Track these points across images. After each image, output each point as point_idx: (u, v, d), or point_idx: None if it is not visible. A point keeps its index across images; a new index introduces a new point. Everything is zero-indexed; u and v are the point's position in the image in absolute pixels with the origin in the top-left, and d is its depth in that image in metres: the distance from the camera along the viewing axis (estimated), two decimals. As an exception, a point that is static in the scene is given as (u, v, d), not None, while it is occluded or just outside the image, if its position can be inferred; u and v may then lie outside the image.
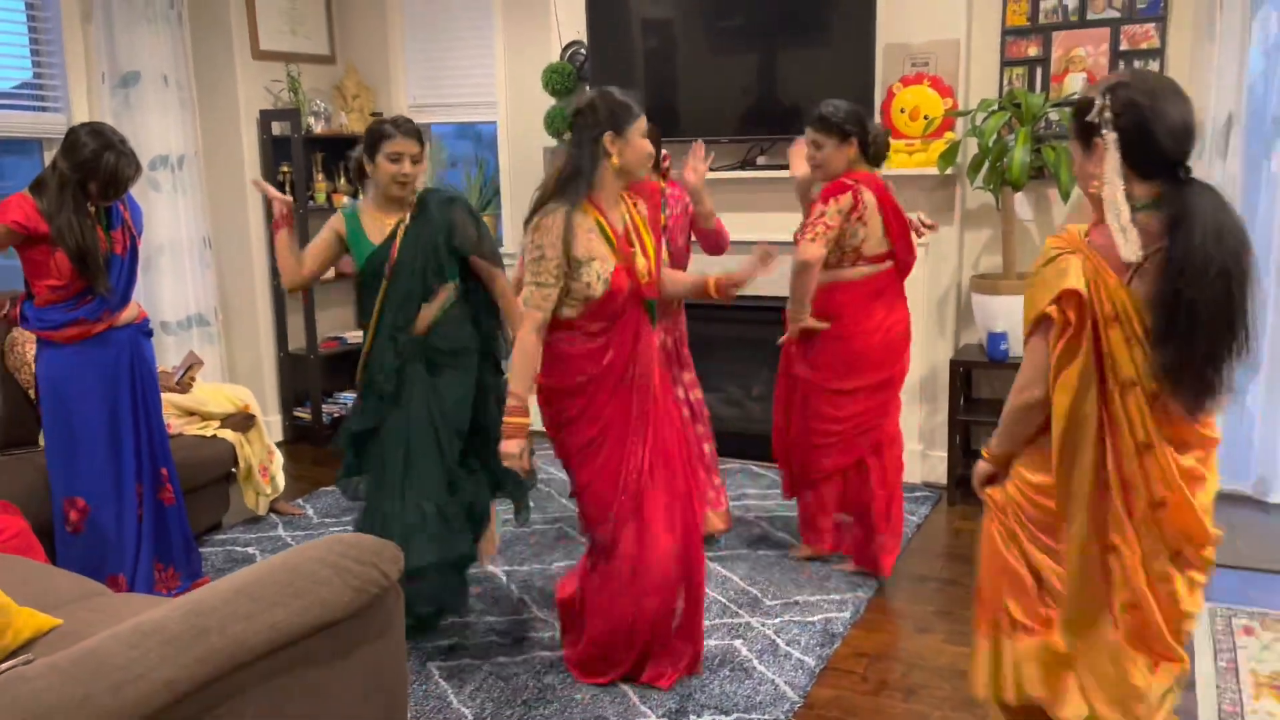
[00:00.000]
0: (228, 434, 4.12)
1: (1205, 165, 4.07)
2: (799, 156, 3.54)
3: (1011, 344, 4.22)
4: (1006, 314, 4.20)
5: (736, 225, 3.94)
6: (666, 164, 3.67)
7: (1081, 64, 4.29)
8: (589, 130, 2.66)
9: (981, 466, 2.20)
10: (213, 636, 1.72)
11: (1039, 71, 4.36)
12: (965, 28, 4.37)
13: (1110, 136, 1.84)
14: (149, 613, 1.79)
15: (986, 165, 4.15)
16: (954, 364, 4.35)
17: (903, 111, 4.37)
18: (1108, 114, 1.84)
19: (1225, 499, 4.22)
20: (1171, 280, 1.80)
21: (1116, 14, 4.21)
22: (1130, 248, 1.82)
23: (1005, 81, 4.41)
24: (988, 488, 2.20)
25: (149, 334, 3.39)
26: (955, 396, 4.35)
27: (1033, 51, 4.36)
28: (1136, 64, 4.21)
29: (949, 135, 4.31)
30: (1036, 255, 2.07)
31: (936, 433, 4.60)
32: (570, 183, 2.69)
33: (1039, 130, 4.15)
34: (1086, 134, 1.90)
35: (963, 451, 4.49)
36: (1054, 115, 4.15)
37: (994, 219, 4.47)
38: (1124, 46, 4.22)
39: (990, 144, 4.07)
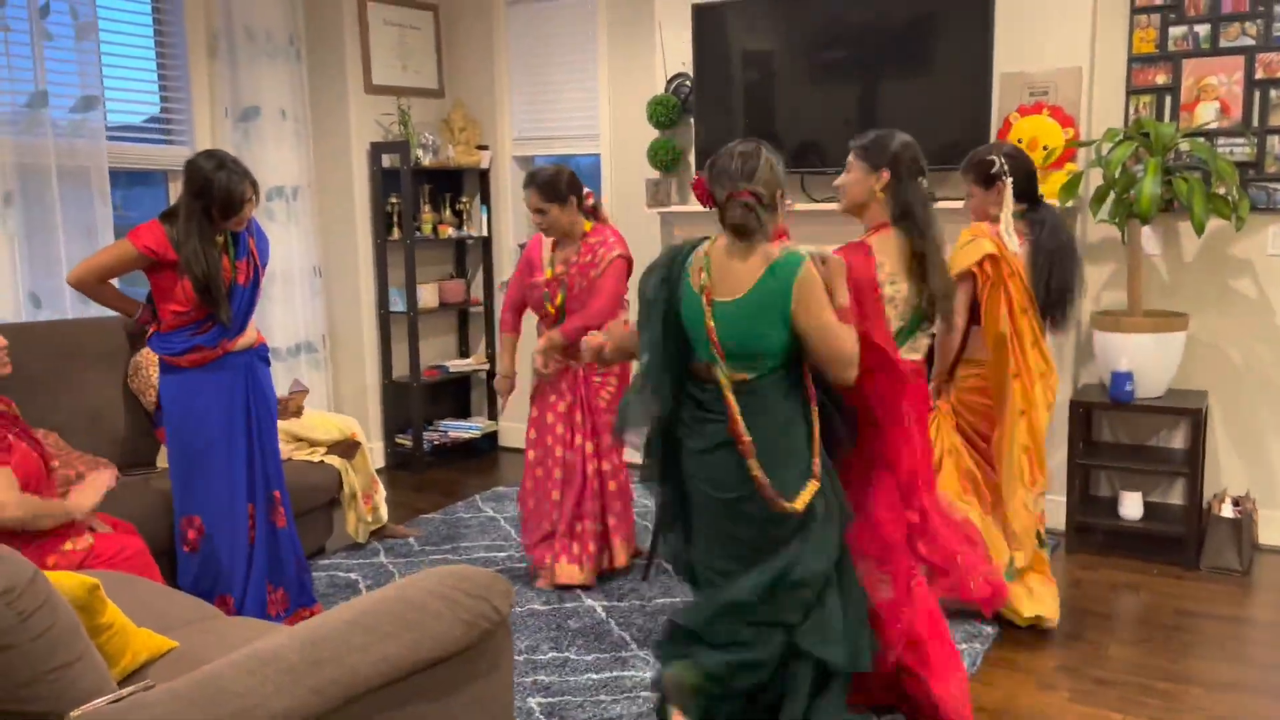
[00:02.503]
0: (334, 460, 4.17)
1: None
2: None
3: (1139, 384, 4.01)
4: (1132, 352, 4.00)
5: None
6: (590, 202, 3.85)
7: (1214, 93, 4.09)
8: None
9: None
10: (328, 667, 1.70)
11: (1167, 100, 4.17)
12: (1089, 55, 4.21)
13: (1008, 180, 3.28)
14: (265, 640, 1.78)
15: (1112, 197, 3.98)
16: (1074, 404, 4.15)
17: (1020, 142, 4.21)
18: (1006, 167, 3.29)
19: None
20: (1036, 254, 3.32)
21: (1251, 42, 4.01)
22: (1012, 241, 3.26)
23: (1131, 111, 4.23)
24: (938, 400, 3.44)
25: (267, 360, 3.45)
26: (1075, 439, 4.15)
27: (1161, 80, 4.18)
28: (1273, 93, 3.99)
29: (1070, 166, 4.15)
30: (1165, 291, 4.03)
31: (1055, 476, 4.39)
32: None
33: (1169, 161, 3.96)
34: (990, 180, 3.34)
35: (1083, 497, 4.27)
36: (1184, 146, 3.96)
37: (1118, 253, 4.28)
38: (1260, 75, 4.01)
39: (1117, 175, 3.90)
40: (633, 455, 3.23)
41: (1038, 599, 3.41)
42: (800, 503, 2.41)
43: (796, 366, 2.45)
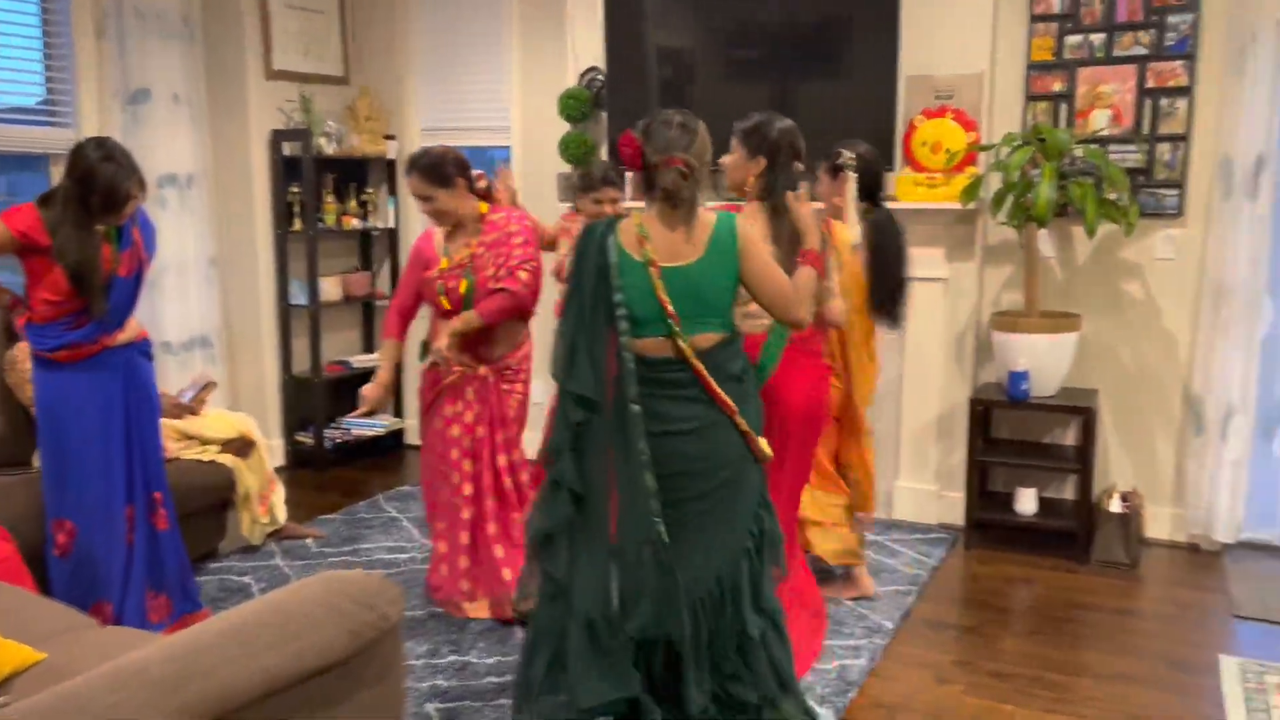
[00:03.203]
0: (226, 459, 4.02)
1: (1234, 205, 3.98)
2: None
3: (1034, 383, 4.12)
4: (1029, 352, 4.10)
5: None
6: (482, 183, 3.53)
7: (1107, 100, 4.21)
8: None
9: None
10: (198, 682, 1.61)
11: (1063, 107, 4.29)
12: (990, 61, 4.30)
13: (852, 175, 3.34)
14: (133, 653, 1.68)
15: (1010, 200, 4.07)
16: (973, 403, 4.24)
17: (924, 144, 4.29)
18: (852, 162, 3.36)
19: (1251, 548, 4.14)
20: (874, 255, 3.44)
21: (1144, 51, 4.14)
22: (855, 233, 3.33)
23: (1029, 116, 4.34)
24: None
25: (149, 355, 3.30)
26: (974, 436, 4.24)
27: (1057, 87, 4.29)
28: (1164, 101, 4.13)
29: (971, 170, 4.23)
30: (1059, 293, 4.24)
31: (954, 473, 4.48)
32: None
33: (1064, 166, 4.07)
34: (835, 170, 3.44)
35: (980, 493, 4.37)
36: (1079, 151, 4.07)
37: (1015, 255, 4.38)
38: (1151, 84, 4.14)
39: (1015, 179, 3.99)
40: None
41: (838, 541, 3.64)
42: (767, 448, 2.47)
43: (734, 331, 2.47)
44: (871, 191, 3.50)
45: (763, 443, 2.46)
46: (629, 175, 3.97)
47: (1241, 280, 4.01)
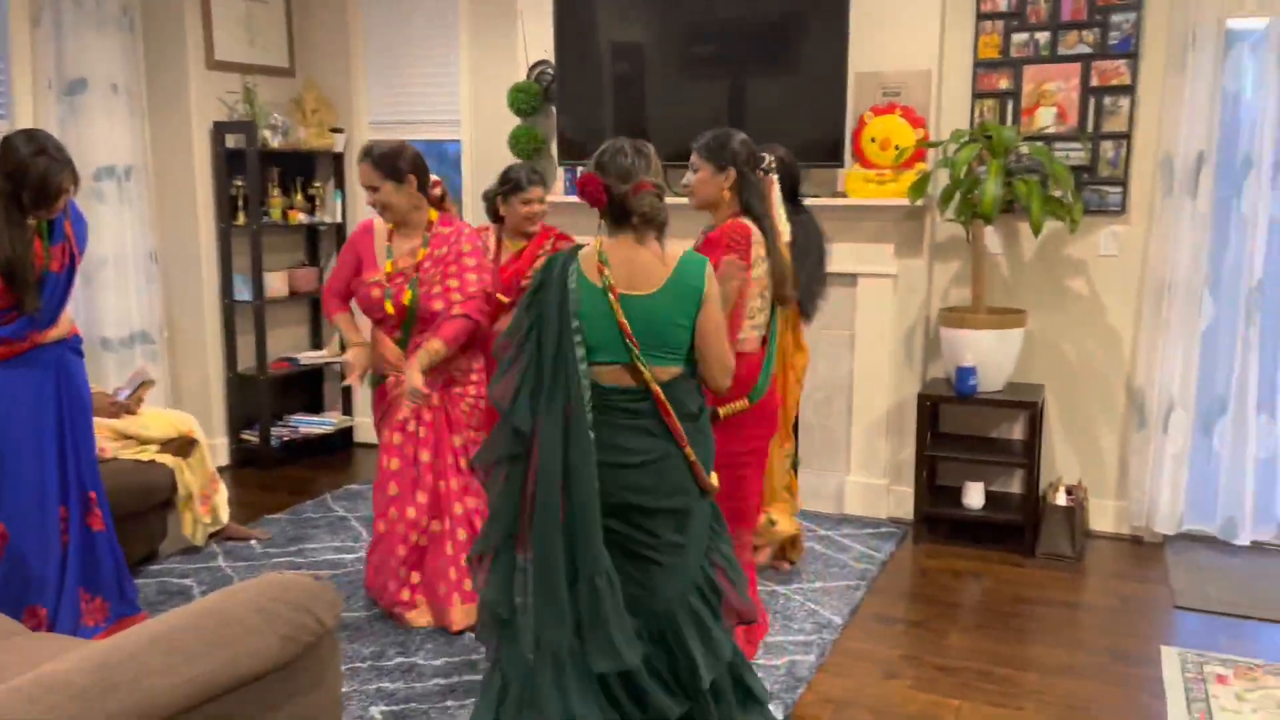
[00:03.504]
0: (166, 459, 3.92)
1: (1175, 202, 4.04)
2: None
3: (981, 378, 4.15)
4: (975, 348, 4.13)
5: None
6: (437, 191, 3.46)
7: (1052, 98, 4.26)
8: None
9: None
10: (123, 692, 1.56)
11: (1010, 104, 4.33)
12: (937, 58, 4.32)
13: (774, 178, 3.11)
14: (55, 663, 1.63)
15: (958, 197, 4.10)
16: (921, 398, 4.27)
17: (873, 141, 4.31)
18: (774, 165, 3.11)
19: (1191, 540, 4.21)
20: (797, 254, 3.26)
21: (1088, 50, 4.19)
22: (786, 232, 3.13)
23: (976, 114, 4.37)
24: None
25: (80, 352, 3.20)
26: (922, 431, 4.27)
27: (1004, 84, 4.33)
28: (1107, 100, 4.19)
29: (920, 166, 4.26)
30: (1006, 289, 4.10)
31: (903, 468, 4.51)
32: None
33: (1010, 163, 4.11)
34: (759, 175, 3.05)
35: (929, 487, 4.41)
36: (1024, 149, 4.11)
37: (963, 251, 4.42)
38: (1095, 82, 4.19)
39: (962, 176, 4.01)
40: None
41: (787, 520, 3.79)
42: (715, 481, 2.45)
43: (693, 368, 2.43)
44: (792, 193, 3.58)
45: (712, 477, 2.43)
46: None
47: (1182, 276, 4.08)
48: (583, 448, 2.26)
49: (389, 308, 3.33)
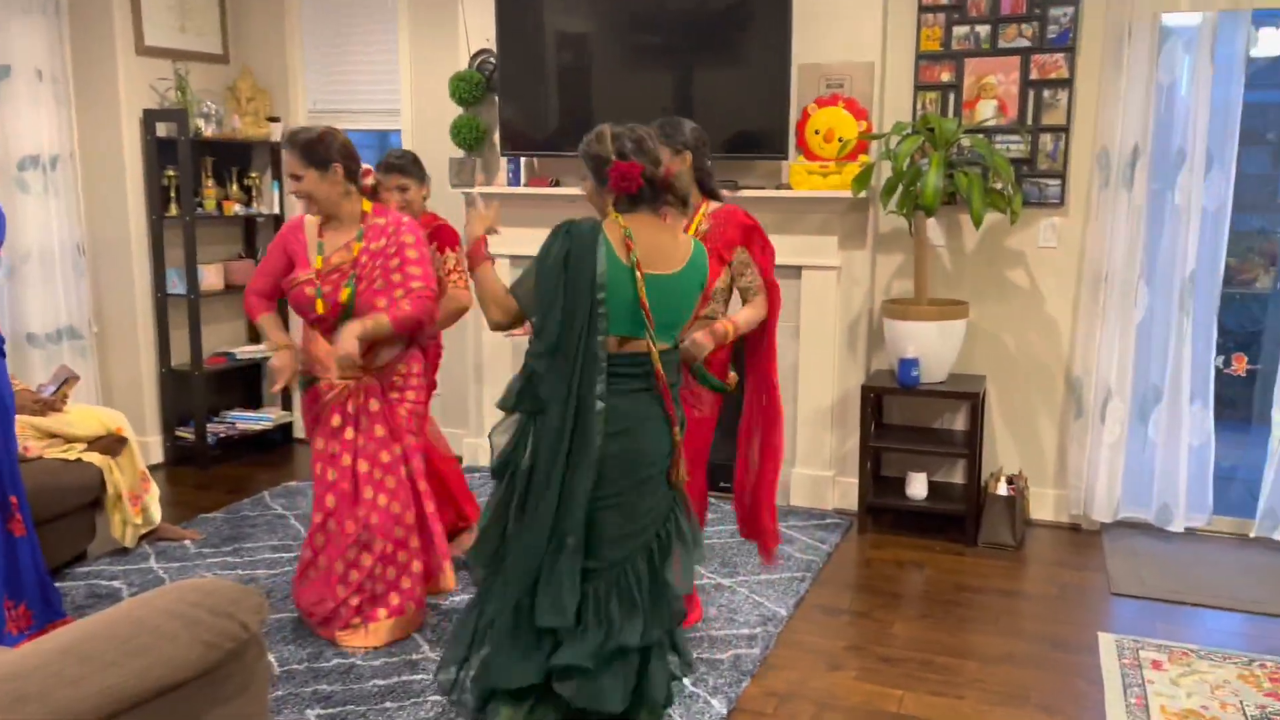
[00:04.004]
0: (94, 458, 3.80)
1: (1111, 195, 4.10)
2: None
3: (924, 369, 4.18)
4: (918, 339, 4.15)
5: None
6: (369, 180, 3.29)
7: (993, 91, 4.29)
8: None
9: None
10: (30, 705, 1.48)
11: (951, 97, 4.35)
12: (880, 51, 4.33)
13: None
14: (-42, 676, 1.54)
15: (900, 189, 4.11)
16: (865, 390, 4.29)
17: (817, 133, 4.30)
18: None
19: (1127, 527, 4.29)
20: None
21: (1028, 43, 4.23)
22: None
23: (919, 106, 4.39)
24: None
25: (1, 351, 3.07)
26: (866, 423, 4.28)
27: (945, 77, 4.35)
28: (1046, 93, 4.23)
29: (863, 158, 4.26)
30: (948, 281, 3.62)
31: (848, 459, 4.53)
32: None
33: (951, 156, 4.13)
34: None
35: (874, 478, 4.43)
36: (966, 141, 4.14)
37: (906, 244, 4.44)
38: (1034, 75, 4.23)
39: (904, 168, 4.03)
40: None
41: None
42: (684, 471, 2.52)
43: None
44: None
45: (682, 467, 2.49)
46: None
47: (1118, 268, 4.14)
48: (588, 416, 2.32)
49: (320, 307, 3.13)
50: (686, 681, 3.00)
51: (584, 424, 2.33)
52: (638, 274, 2.33)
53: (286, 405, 5.67)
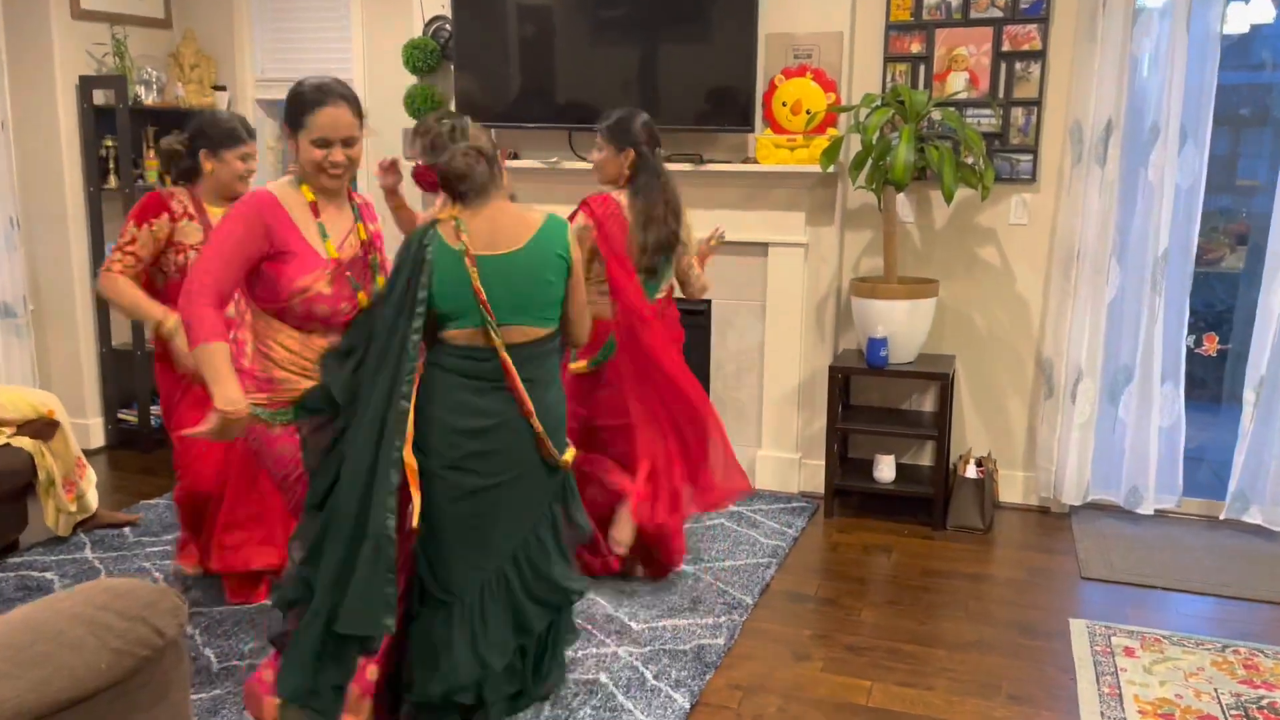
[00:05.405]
0: (24, 442, 3.60)
1: (1084, 171, 4.00)
2: None
3: (893, 349, 4.07)
4: (887, 319, 4.05)
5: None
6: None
7: (964, 63, 4.17)
8: None
9: None
10: (-93, 726, 1.33)
11: (921, 69, 4.23)
12: (849, 20, 4.19)
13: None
14: None
15: (870, 163, 3.98)
16: (833, 370, 4.17)
17: (784, 105, 4.16)
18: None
19: (1096, 509, 4.22)
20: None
21: (1000, 14, 4.11)
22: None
23: (888, 77, 4.26)
24: None
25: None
26: (834, 404, 4.18)
27: (916, 48, 4.22)
28: (1018, 65, 4.12)
29: (831, 131, 4.13)
30: (918, 258, 3.76)
31: (815, 441, 4.43)
32: None
33: (922, 129, 4.01)
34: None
35: (841, 460, 4.33)
36: (936, 115, 4.02)
37: (875, 220, 4.32)
38: (1006, 47, 4.11)
39: (874, 141, 3.90)
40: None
41: None
42: (568, 456, 2.54)
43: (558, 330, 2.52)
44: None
45: (569, 454, 2.50)
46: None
47: (1090, 245, 4.05)
48: (393, 413, 2.28)
49: (364, 299, 2.42)
50: (648, 672, 2.88)
51: (388, 424, 2.29)
52: (467, 260, 2.34)
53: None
